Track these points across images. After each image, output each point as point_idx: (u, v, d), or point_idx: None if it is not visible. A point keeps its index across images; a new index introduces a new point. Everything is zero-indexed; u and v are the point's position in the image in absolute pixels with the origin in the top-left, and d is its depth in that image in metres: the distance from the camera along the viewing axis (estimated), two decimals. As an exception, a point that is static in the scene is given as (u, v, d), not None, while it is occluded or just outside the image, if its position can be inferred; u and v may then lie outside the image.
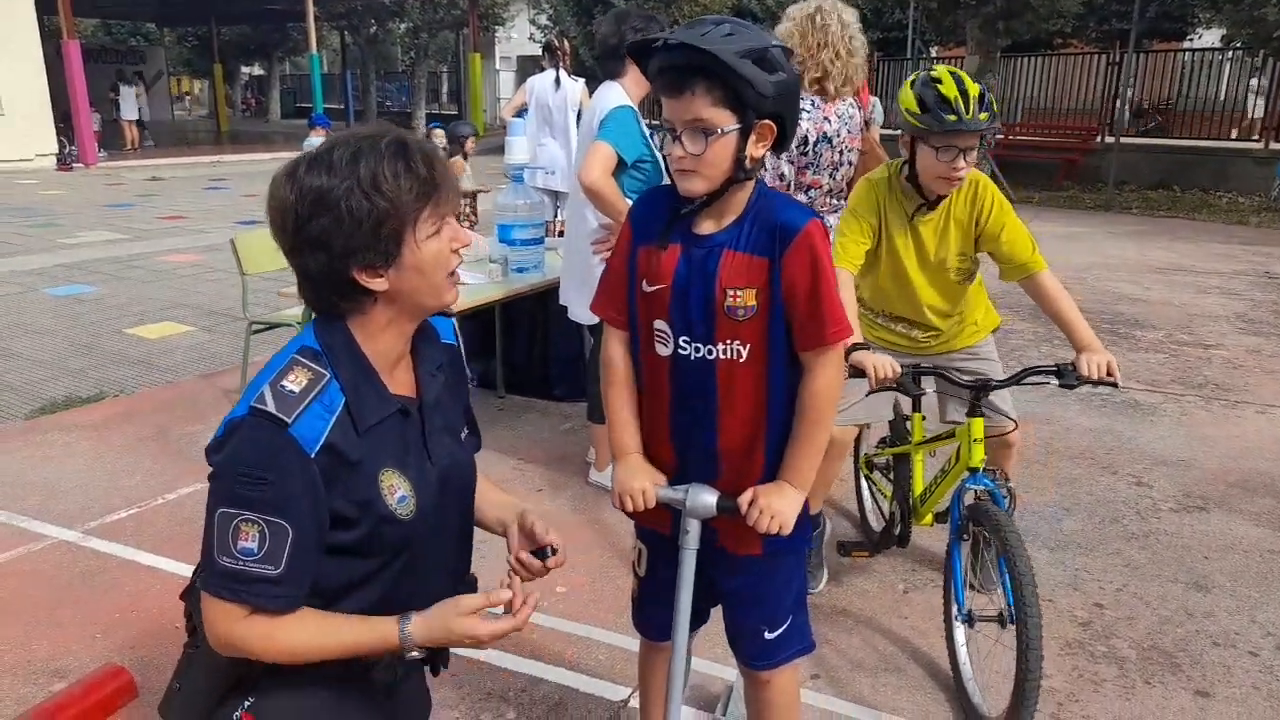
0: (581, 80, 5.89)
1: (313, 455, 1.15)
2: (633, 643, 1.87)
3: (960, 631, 2.36)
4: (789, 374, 1.53)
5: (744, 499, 1.49)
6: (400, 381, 1.30)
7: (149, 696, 2.18)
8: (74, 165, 15.50)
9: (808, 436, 1.51)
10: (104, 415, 4.23)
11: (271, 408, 1.14)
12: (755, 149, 1.43)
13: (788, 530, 1.49)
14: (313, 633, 1.19)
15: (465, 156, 6.62)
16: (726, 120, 1.38)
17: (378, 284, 1.19)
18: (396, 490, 1.24)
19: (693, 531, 1.53)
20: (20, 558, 2.95)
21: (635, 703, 2.19)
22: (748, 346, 1.49)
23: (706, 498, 1.51)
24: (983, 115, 2.17)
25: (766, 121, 1.41)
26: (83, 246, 8.49)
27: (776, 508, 1.48)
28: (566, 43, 5.96)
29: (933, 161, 2.23)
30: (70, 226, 9.60)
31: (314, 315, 1.26)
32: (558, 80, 5.76)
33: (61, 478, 3.55)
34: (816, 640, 1.79)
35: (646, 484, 1.55)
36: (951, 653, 2.39)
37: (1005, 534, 2.11)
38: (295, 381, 1.17)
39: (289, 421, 1.14)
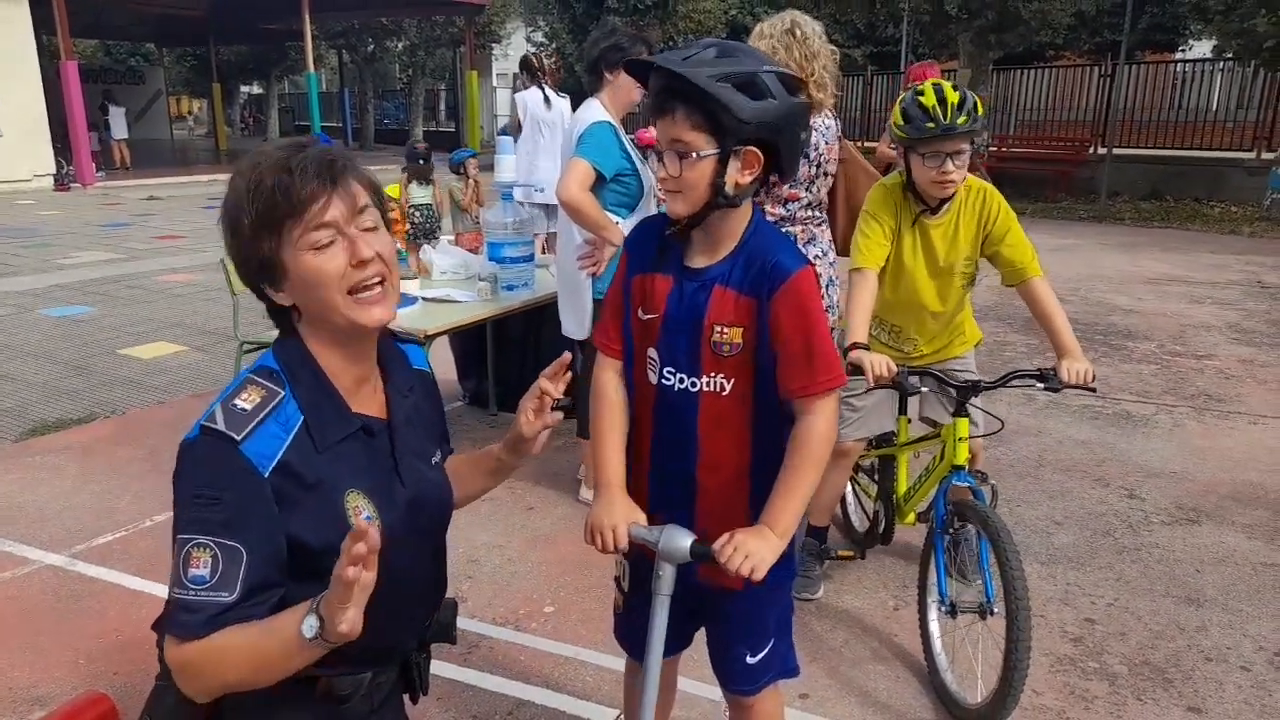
0: (567, 97, 5.98)
1: (266, 474, 1.13)
2: (620, 664, 1.86)
3: (936, 624, 2.46)
4: (777, 414, 1.51)
5: (720, 540, 1.42)
6: (366, 402, 1.28)
7: (131, 723, 2.17)
8: (71, 185, 15.53)
9: (796, 482, 1.46)
10: (94, 436, 4.22)
11: (221, 425, 1.12)
12: (740, 176, 1.41)
13: (760, 576, 1.40)
14: (242, 645, 1.09)
15: (468, 177, 6.68)
16: (703, 144, 1.38)
17: (280, 298, 1.20)
18: (361, 511, 1.22)
19: (665, 576, 1.44)
20: (5, 583, 2.93)
21: (621, 725, 2.17)
22: (732, 382, 1.49)
23: (681, 541, 1.43)
24: (960, 119, 2.25)
25: (751, 149, 1.39)
26: (79, 267, 8.50)
27: (752, 548, 1.40)
28: (546, 60, 6.01)
29: (922, 168, 2.34)
30: (66, 247, 9.62)
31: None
32: (547, 98, 5.85)
33: (49, 500, 3.54)
34: (806, 658, 1.78)
35: (619, 522, 1.49)
36: (926, 645, 2.47)
37: (993, 527, 2.21)
38: (248, 399, 1.16)
39: (239, 439, 1.12)
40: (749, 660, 1.66)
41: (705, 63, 1.36)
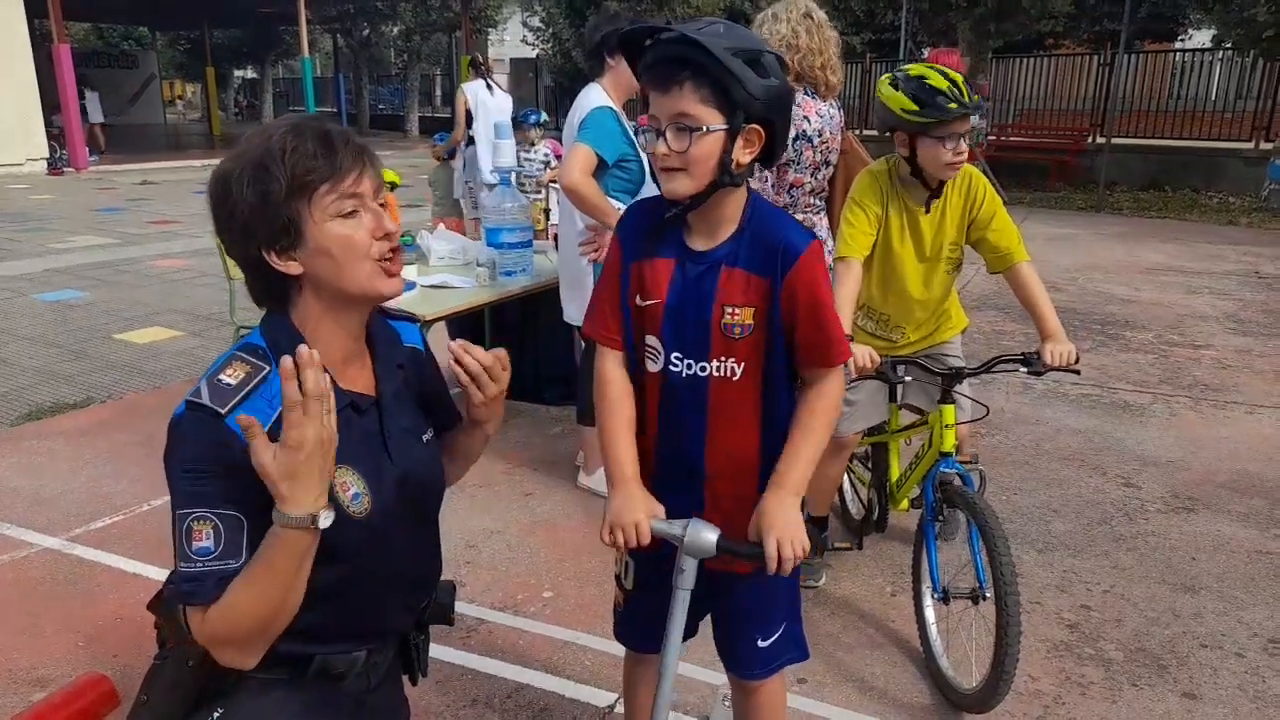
0: (509, 95, 7.10)
1: None
2: (619, 648, 1.85)
3: (931, 610, 2.46)
4: (785, 397, 1.51)
5: (767, 547, 1.39)
6: (354, 379, 1.28)
7: (130, 705, 2.17)
8: (65, 170, 15.43)
9: (804, 448, 1.47)
10: (90, 421, 4.21)
11: (206, 399, 1.13)
12: (742, 154, 1.39)
13: (810, 549, 1.42)
14: (243, 586, 1.12)
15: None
16: (713, 118, 1.35)
17: (291, 268, 1.18)
18: (349, 488, 1.22)
19: (688, 571, 1.42)
20: (4, 566, 2.93)
21: (621, 709, 2.17)
22: (742, 365, 1.47)
23: (707, 535, 1.40)
24: (973, 98, 2.27)
25: (755, 126, 1.38)
26: (73, 251, 8.45)
27: (792, 533, 1.39)
28: (486, 58, 7.24)
29: (938, 151, 2.30)
30: (61, 231, 9.55)
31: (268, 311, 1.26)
32: (489, 87, 6.71)
33: (46, 484, 3.53)
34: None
35: (641, 517, 1.46)
36: (922, 631, 2.48)
37: (979, 513, 2.21)
38: (233, 375, 1.16)
39: (224, 412, 1.12)
40: (760, 644, 1.64)
41: (718, 35, 1.34)
